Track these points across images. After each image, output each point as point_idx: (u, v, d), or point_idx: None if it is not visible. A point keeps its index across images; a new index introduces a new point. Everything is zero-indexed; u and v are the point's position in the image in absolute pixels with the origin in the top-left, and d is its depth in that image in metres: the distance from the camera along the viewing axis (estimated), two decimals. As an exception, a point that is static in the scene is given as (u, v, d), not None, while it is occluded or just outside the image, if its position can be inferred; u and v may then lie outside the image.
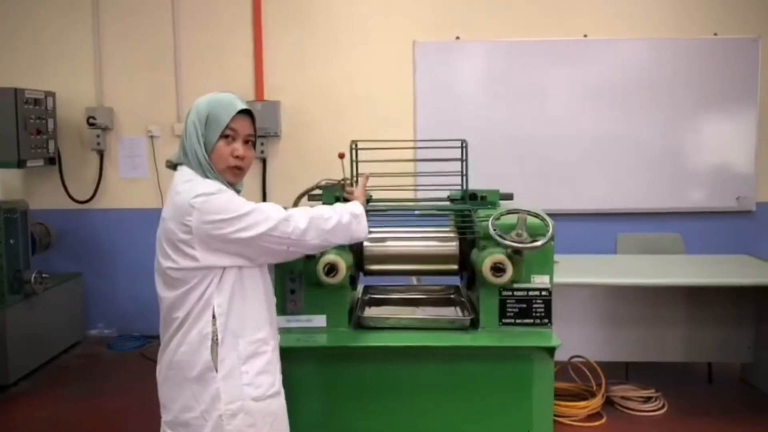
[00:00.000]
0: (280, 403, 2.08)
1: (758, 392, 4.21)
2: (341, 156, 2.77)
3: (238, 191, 2.08)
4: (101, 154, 5.45)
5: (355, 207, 2.24)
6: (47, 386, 4.53)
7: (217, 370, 1.96)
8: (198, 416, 1.97)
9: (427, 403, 2.44)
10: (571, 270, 3.84)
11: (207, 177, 2.00)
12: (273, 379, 2.05)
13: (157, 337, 2.12)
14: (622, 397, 4.00)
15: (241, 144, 2.04)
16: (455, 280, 2.97)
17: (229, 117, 2.00)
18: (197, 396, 1.98)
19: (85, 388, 4.47)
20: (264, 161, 5.38)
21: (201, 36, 5.37)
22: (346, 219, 2.16)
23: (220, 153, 2.01)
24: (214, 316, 1.96)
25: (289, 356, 2.44)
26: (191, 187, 1.95)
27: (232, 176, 2.05)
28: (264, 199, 5.29)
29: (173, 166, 2.09)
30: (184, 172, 2.02)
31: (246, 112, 2.05)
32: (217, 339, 1.96)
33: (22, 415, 4.09)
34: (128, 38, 5.39)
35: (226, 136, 2.01)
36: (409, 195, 3.01)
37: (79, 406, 4.18)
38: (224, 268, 1.97)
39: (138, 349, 5.20)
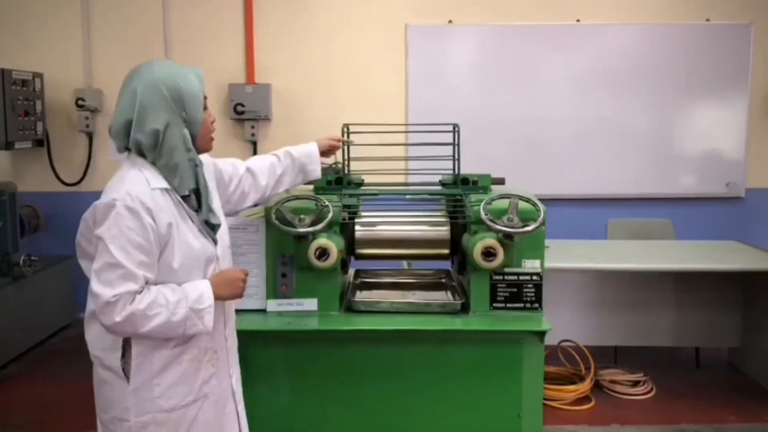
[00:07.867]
0: (197, 410, 1.90)
1: (745, 377, 4.25)
2: (333, 139, 2.76)
3: (196, 165, 1.94)
4: (90, 137, 5.39)
5: (203, 295, 1.83)
6: (36, 369, 4.52)
7: (128, 381, 1.83)
8: (109, 419, 1.90)
9: (418, 387, 2.45)
10: (562, 255, 3.85)
11: (177, 165, 1.87)
12: (188, 389, 1.87)
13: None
14: (611, 381, 4.02)
15: None
16: (446, 265, 2.97)
17: (203, 86, 1.91)
18: (109, 399, 1.90)
19: (75, 371, 4.44)
20: (255, 144, 5.35)
21: (191, 18, 5.32)
22: (180, 315, 1.78)
23: (206, 127, 1.93)
24: None
25: (280, 339, 2.45)
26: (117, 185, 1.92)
27: (210, 145, 1.99)
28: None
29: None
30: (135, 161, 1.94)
31: None
32: (130, 347, 1.83)
33: (11, 398, 4.08)
34: (118, 19, 5.32)
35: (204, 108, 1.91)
36: (401, 179, 3.00)
37: (69, 389, 4.16)
38: None
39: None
